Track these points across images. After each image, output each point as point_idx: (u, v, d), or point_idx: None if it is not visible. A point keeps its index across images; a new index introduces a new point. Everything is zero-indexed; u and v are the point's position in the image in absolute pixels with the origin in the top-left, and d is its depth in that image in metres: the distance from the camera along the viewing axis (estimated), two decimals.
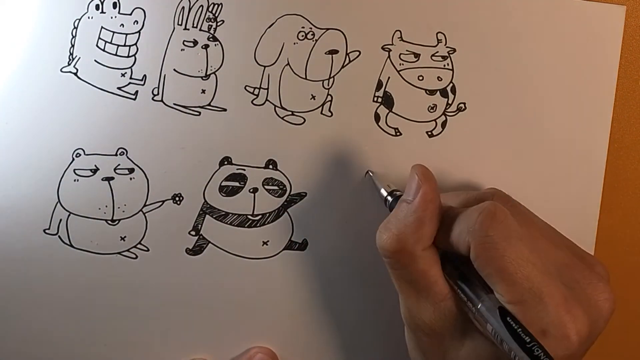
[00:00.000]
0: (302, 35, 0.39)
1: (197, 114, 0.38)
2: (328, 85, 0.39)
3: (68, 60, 0.38)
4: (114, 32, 0.38)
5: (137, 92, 0.38)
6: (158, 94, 0.38)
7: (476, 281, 0.30)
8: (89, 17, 0.38)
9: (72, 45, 0.38)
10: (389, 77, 0.39)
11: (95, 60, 0.38)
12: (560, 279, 0.29)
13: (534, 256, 0.29)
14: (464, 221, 0.31)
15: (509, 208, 0.31)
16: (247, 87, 0.38)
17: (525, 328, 0.27)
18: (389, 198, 0.35)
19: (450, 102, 0.40)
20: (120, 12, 0.38)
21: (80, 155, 0.38)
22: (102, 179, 0.38)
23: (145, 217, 0.38)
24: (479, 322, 0.29)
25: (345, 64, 0.39)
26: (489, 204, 0.30)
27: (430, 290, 0.31)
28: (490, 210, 0.30)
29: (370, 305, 0.39)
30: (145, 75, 0.38)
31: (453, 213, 0.32)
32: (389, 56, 0.39)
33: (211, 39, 0.38)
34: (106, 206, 0.38)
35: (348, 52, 0.39)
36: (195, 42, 0.38)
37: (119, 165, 0.38)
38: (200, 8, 0.38)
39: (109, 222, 0.38)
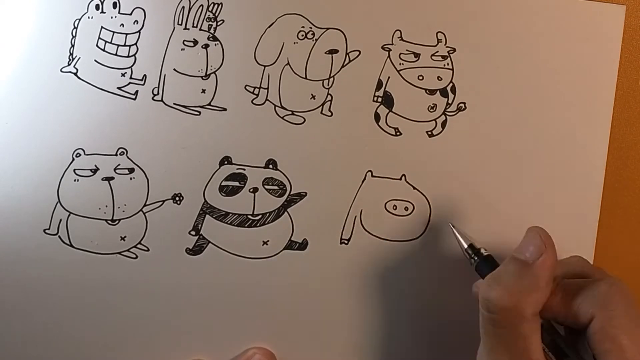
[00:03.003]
0: (302, 35, 0.39)
1: (197, 113, 0.38)
2: (328, 84, 0.39)
3: (68, 60, 0.38)
4: (114, 32, 0.38)
5: (137, 91, 0.38)
6: (158, 93, 0.38)
7: (575, 357, 0.30)
8: (89, 17, 0.38)
9: (72, 45, 0.38)
10: (389, 77, 0.39)
11: (95, 60, 0.38)
12: None
13: None
14: (589, 292, 0.31)
15: None
16: (247, 87, 0.38)
17: None
18: (475, 258, 0.35)
19: (450, 101, 0.40)
20: (120, 12, 0.38)
21: (80, 155, 0.38)
22: (102, 179, 0.38)
23: (146, 217, 0.38)
24: None
25: (345, 63, 0.39)
26: (619, 281, 0.31)
27: (527, 357, 0.30)
28: (621, 287, 0.31)
29: (370, 305, 0.39)
30: (145, 75, 0.38)
31: (568, 283, 0.32)
32: (389, 56, 0.39)
33: (211, 39, 0.38)
34: (106, 206, 0.38)
35: (348, 51, 0.39)
36: (195, 42, 0.38)
37: (119, 165, 0.38)
38: (201, 8, 0.38)
39: (109, 222, 0.38)
